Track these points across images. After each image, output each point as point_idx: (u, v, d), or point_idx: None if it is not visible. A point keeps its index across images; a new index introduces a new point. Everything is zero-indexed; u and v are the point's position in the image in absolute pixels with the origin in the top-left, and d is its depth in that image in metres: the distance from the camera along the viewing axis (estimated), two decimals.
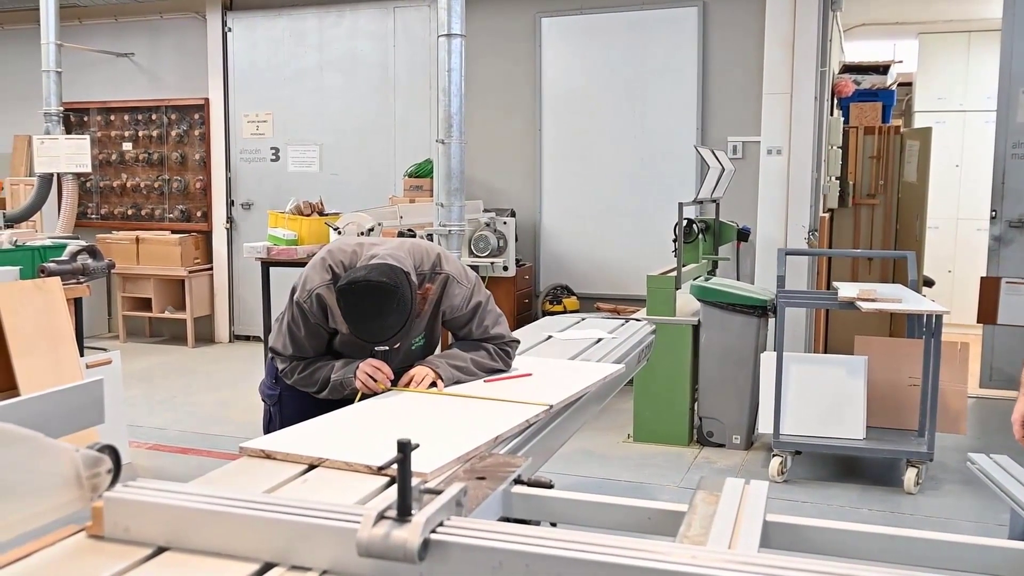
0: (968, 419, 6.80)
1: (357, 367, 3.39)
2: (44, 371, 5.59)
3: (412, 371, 3.41)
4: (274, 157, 10.80)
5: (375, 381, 3.33)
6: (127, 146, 11.48)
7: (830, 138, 8.94)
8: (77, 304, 6.14)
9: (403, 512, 1.60)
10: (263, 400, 3.91)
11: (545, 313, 8.80)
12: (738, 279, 8.31)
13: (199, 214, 11.25)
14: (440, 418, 2.94)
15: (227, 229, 11.07)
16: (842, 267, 9.63)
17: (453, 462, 2.39)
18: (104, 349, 6.72)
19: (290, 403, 3.66)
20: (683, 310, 7.14)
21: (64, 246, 6.77)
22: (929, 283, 10.10)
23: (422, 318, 3.57)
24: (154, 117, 11.33)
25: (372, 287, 3.19)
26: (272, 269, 8.38)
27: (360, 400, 3.29)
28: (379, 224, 7.08)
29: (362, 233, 7.07)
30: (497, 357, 3.61)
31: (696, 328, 7.04)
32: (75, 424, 2.14)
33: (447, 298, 3.60)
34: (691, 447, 7.07)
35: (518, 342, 3.75)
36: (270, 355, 3.72)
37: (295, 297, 3.50)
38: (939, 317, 6.07)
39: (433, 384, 3.35)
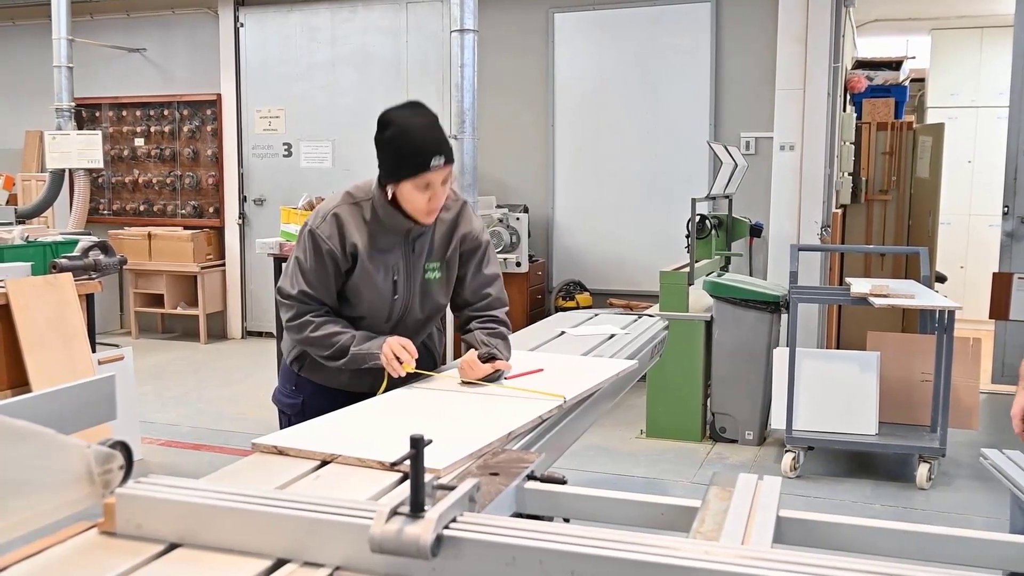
0: (980, 415, 6.79)
1: (383, 343, 3.27)
2: (56, 367, 5.60)
3: (467, 358, 3.35)
4: (286, 153, 10.81)
5: (400, 363, 3.23)
6: (139, 142, 11.50)
7: (843, 134, 8.92)
8: (89, 300, 6.15)
9: (416, 508, 1.59)
10: (281, 410, 3.63)
11: (558, 309, 8.80)
12: (751, 275, 8.30)
13: (211, 210, 11.26)
14: (453, 414, 2.93)
15: (239, 225, 11.08)
16: (855, 263, 9.60)
17: (466, 458, 2.39)
18: (116, 345, 6.73)
19: (314, 410, 3.12)
20: (696, 306, 7.13)
21: (76, 242, 6.79)
22: (941, 279, 10.07)
23: (442, 240, 3.51)
24: (166, 113, 11.34)
25: (417, 104, 3.25)
26: (284, 265, 8.38)
27: (385, 389, 3.24)
28: None
29: None
30: (508, 328, 3.64)
31: (709, 324, 7.03)
32: (87, 420, 2.14)
33: (465, 222, 3.55)
34: (704, 443, 7.06)
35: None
36: (286, 352, 3.54)
37: (307, 227, 3.36)
38: (951, 313, 6.05)
39: (492, 366, 3.32)
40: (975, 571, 1.95)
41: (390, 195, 3.29)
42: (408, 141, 3.18)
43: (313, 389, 3.53)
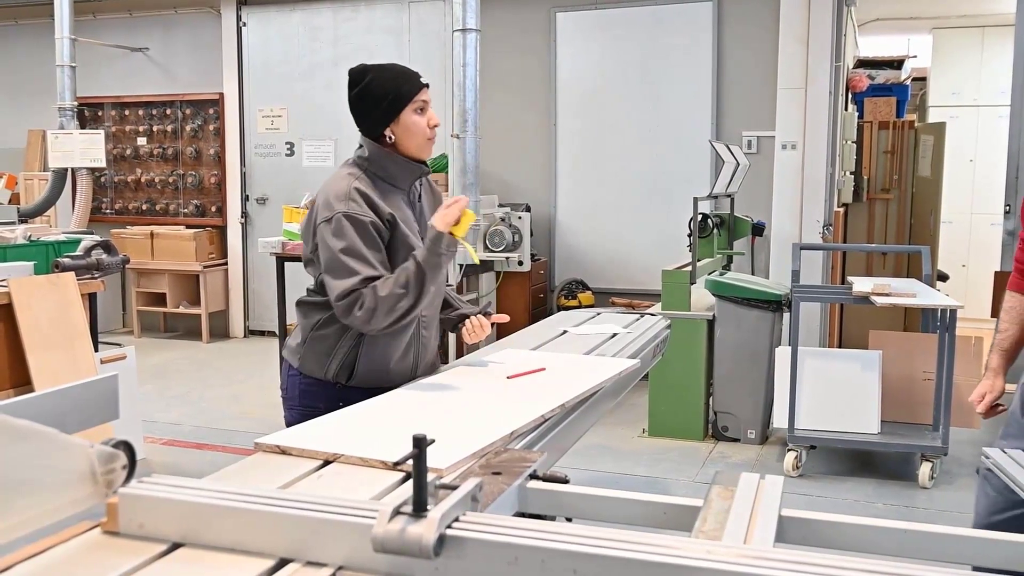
0: None
1: (433, 230, 3.22)
2: (58, 366, 5.60)
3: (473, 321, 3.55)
4: (289, 152, 10.82)
5: (450, 217, 3.23)
6: (141, 141, 11.50)
7: (844, 133, 8.92)
8: (91, 299, 6.16)
9: (419, 508, 1.60)
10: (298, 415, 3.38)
11: (560, 308, 8.81)
12: (753, 274, 8.30)
13: (214, 209, 11.27)
14: (455, 413, 2.94)
15: (242, 224, 11.09)
16: (857, 262, 9.60)
17: (468, 457, 2.39)
18: (119, 344, 6.74)
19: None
20: (698, 305, 7.14)
21: (78, 241, 6.79)
22: (943, 277, 10.07)
23: (429, 203, 3.61)
24: (168, 112, 11.35)
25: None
26: (287, 264, 8.38)
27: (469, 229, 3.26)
28: None
29: None
30: None
31: (711, 323, 7.04)
32: (90, 420, 2.14)
33: (437, 190, 3.69)
34: (706, 442, 7.06)
35: None
36: (349, 311, 3.19)
37: (336, 214, 3.24)
38: (953, 312, 6.06)
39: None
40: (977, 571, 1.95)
41: (391, 139, 3.39)
42: (393, 73, 3.45)
43: (356, 396, 3.22)
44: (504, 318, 3.60)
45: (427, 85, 3.49)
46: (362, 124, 3.44)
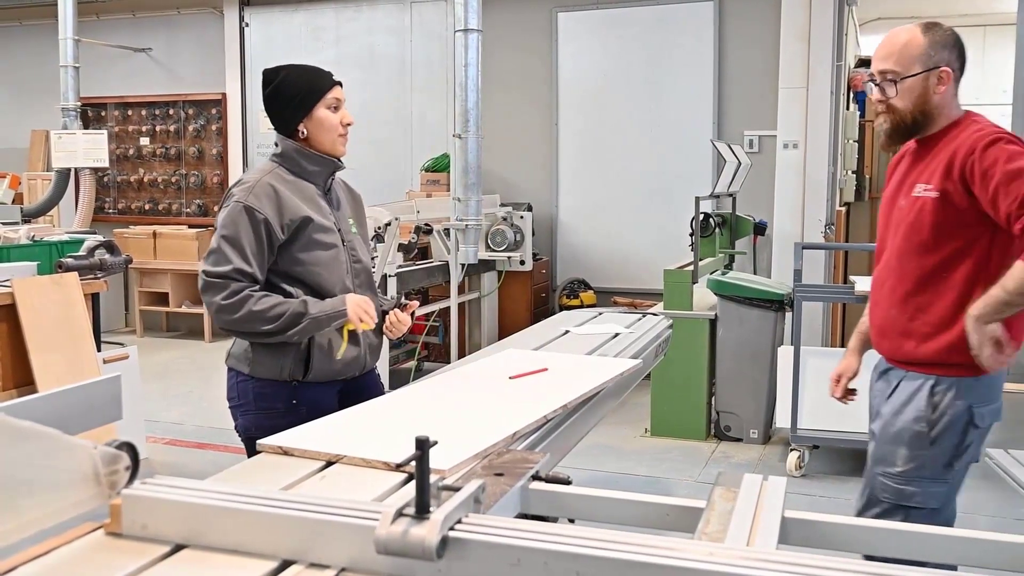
0: None
1: (343, 300, 3.30)
2: (62, 366, 5.61)
3: (391, 318, 3.56)
4: None
5: (365, 317, 3.31)
6: (144, 141, 11.52)
7: (846, 132, 8.92)
8: (94, 299, 6.16)
9: (421, 509, 1.60)
10: (255, 418, 3.42)
11: (562, 307, 8.81)
12: (755, 273, 8.30)
13: (216, 209, 11.25)
14: (457, 414, 2.94)
15: None
16: (859, 261, 9.60)
17: (471, 459, 2.39)
18: (121, 344, 6.74)
19: (319, 413, 3.03)
20: (700, 304, 7.14)
21: (81, 241, 6.80)
22: None
23: (346, 197, 3.75)
24: (171, 112, 11.36)
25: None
26: None
27: (347, 342, 3.33)
28: (396, 219, 7.08)
29: (378, 229, 7.07)
30: None
31: (713, 322, 7.03)
32: (93, 420, 2.15)
33: (353, 193, 3.87)
34: (708, 441, 7.06)
35: None
36: (214, 293, 3.26)
37: (235, 202, 3.33)
38: None
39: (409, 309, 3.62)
40: (980, 572, 1.95)
41: (304, 135, 3.48)
42: (306, 71, 3.56)
43: (312, 392, 3.39)
44: (414, 304, 3.65)
45: (340, 83, 3.58)
46: (276, 120, 3.53)
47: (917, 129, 3.23)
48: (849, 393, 3.75)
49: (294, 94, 3.47)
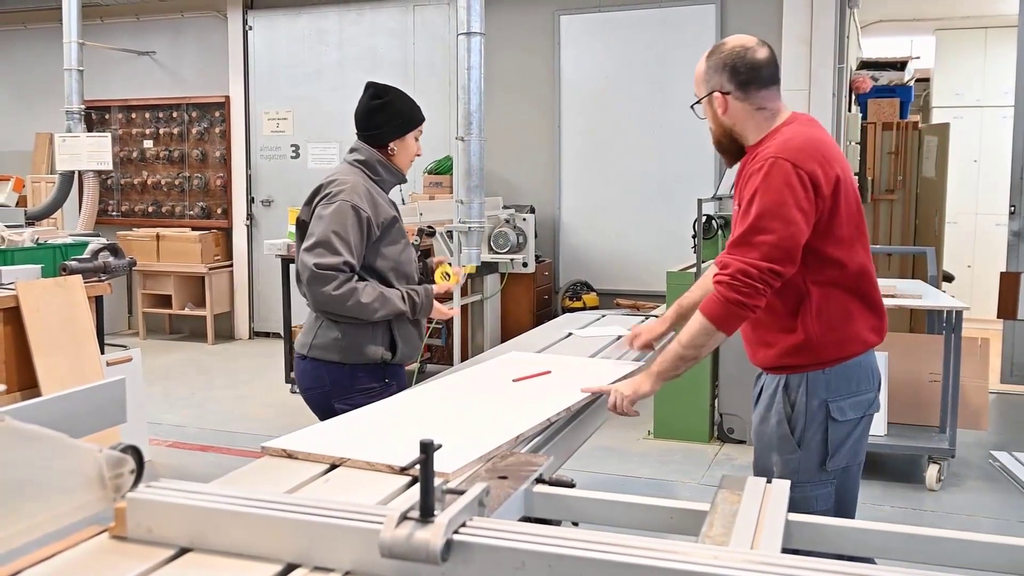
0: (989, 415, 6.77)
1: (431, 303, 3.89)
2: (65, 369, 5.61)
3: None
4: (294, 154, 10.83)
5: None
6: (148, 144, 11.53)
7: (848, 134, 8.91)
8: (98, 302, 6.16)
9: (426, 513, 1.60)
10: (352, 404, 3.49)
11: (565, 310, 8.81)
12: None
13: (219, 211, 11.28)
14: (461, 417, 2.94)
15: (247, 226, 11.10)
16: None
17: (475, 462, 2.39)
18: (124, 346, 6.74)
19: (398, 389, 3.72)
20: None
21: (85, 244, 6.81)
22: (949, 278, 10.06)
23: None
24: (175, 115, 11.37)
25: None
26: (292, 266, 8.41)
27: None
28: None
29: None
30: None
31: None
32: (98, 424, 2.15)
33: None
34: (711, 443, 7.06)
35: None
36: (323, 283, 3.60)
37: (342, 201, 3.67)
38: (959, 313, 6.05)
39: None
40: (982, 573, 1.95)
41: (393, 151, 3.92)
42: (410, 100, 3.98)
43: (397, 371, 3.91)
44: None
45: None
46: (372, 131, 3.91)
47: (731, 147, 3.28)
48: (646, 347, 3.93)
49: (400, 116, 3.91)
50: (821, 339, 3.08)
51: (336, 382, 3.76)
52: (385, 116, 3.89)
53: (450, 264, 4.29)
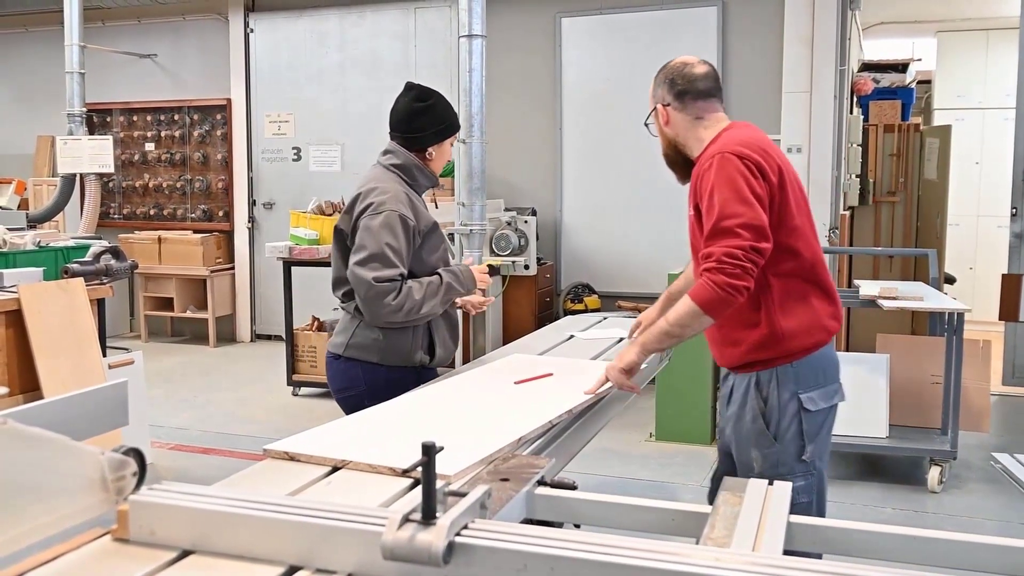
0: (991, 417, 6.78)
1: (472, 280, 3.91)
2: (67, 372, 5.62)
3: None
4: (296, 157, 10.83)
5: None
6: (149, 146, 11.53)
7: (850, 136, 8.92)
8: (100, 305, 6.17)
9: (428, 515, 1.60)
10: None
11: (566, 312, 8.81)
12: None
13: (221, 214, 11.29)
14: (463, 420, 2.94)
15: (249, 229, 11.10)
16: (863, 265, 9.60)
17: (477, 464, 2.40)
18: (126, 349, 6.74)
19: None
20: None
21: (87, 247, 6.81)
22: (950, 280, 10.06)
23: None
24: (176, 117, 11.37)
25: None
26: (294, 269, 8.43)
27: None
28: None
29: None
30: None
31: None
32: (100, 426, 2.15)
33: None
34: (713, 445, 7.05)
35: None
36: (383, 296, 3.56)
37: (389, 211, 3.63)
38: (961, 315, 6.05)
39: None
40: None
41: (430, 156, 3.88)
42: (450, 106, 3.93)
43: (432, 375, 3.87)
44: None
45: None
46: (413, 133, 3.85)
47: (678, 159, 3.53)
48: None
49: (442, 121, 3.87)
50: (785, 330, 3.18)
51: (372, 383, 3.72)
52: (427, 120, 3.84)
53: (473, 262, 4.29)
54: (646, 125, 3.57)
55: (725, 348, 3.35)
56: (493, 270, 8.19)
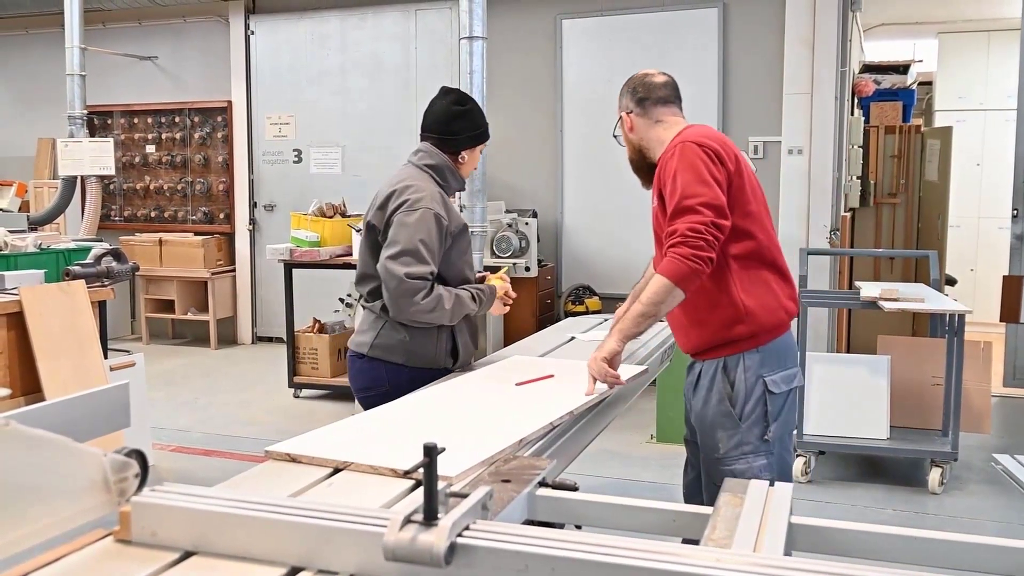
0: (992, 418, 6.78)
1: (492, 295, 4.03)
2: (69, 374, 5.62)
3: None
4: (296, 159, 10.84)
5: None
6: (150, 148, 11.53)
7: (851, 138, 8.92)
8: (101, 307, 6.17)
9: (429, 516, 1.61)
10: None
11: (567, 314, 8.80)
12: None
13: (222, 216, 11.29)
14: (464, 420, 2.95)
15: (250, 231, 11.11)
16: (864, 266, 9.60)
17: (478, 465, 2.40)
18: (128, 351, 6.75)
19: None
20: None
21: (88, 249, 6.81)
22: (951, 282, 10.06)
23: None
24: (177, 120, 11.38)
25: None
26: (295, 271, 8.43)
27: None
28: None
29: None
30: None
31: None
32: (102, 428, 2.16)
33: None
34: None
35: None
36: (413, 293, 3.61)
37: (424, 210, 3.68)
38: (962, 316, 6.05)
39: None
40: None
41: (463, 160, 3.96)
42: (483, 114, 4.04)
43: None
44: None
45: None
46: (451, 136, 3.93)
47: (643, 165, 3.71)
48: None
49: (477, 127, 3.98)
50: (748, 307, 3.36)
51: (395, 384, 3.70)
52: (464, 123, 3.93)
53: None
54: (615, 136, 3.91)
55: (692, 330, 3.51)
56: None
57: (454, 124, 3.90)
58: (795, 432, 6.22)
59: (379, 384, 3.78)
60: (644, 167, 3.68)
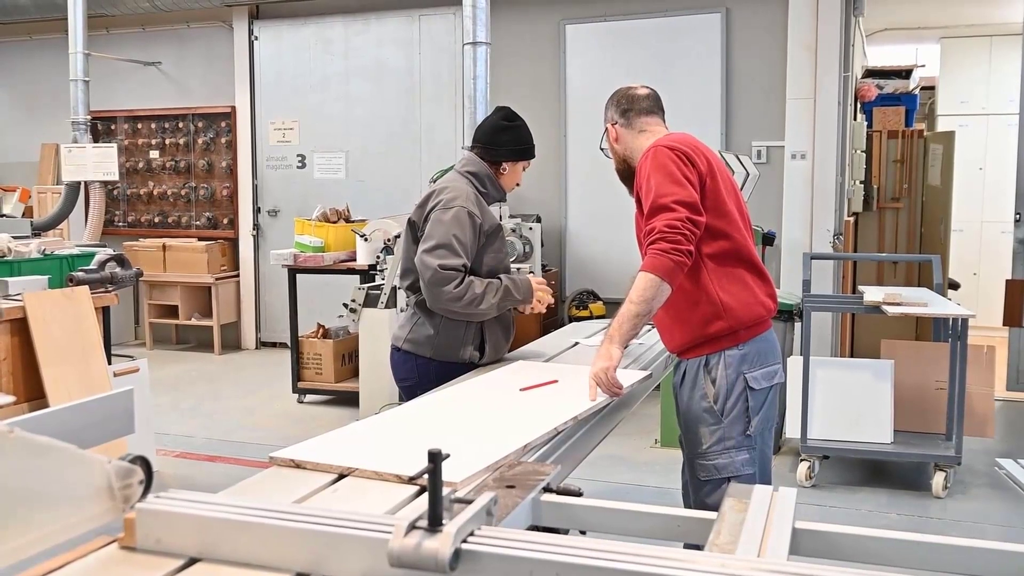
0: (995, 422, 6.77)
1: (530, 292, 4.15)
2: (73, 380, 5.62)
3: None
4: (300, 164, 10.84)
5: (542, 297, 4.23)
6: (154, 154, 11.55)
7: (854, 142, 8.92)
8: (105, 312, 6.17)
9: (434, 522, 1.60)
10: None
11: (571, 319, 8.81)
12: None
13: (226, 221, 11.30)
14: (469, 426, 2.94)
15: (254, 236, 11.11)
16: (867, 271, 9.59)
17: (483, 471, 2.40)
18: (131, 357, 6.75)
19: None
20: None
21: (93, 255, 6.81)
22: (954, 286, 10.05)
23: None
24: (181, 125, 11.39)
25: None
26: (299, 276, 8.44)
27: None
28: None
29: (388, 241, 7.11)
30: None
31: None
32: (106, 434, 2.15)
33: None
34: None
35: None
36: (445, 283, 3.85)
37: (459, 208, 3.93)
38: (965, 320, 6.04)
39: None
40: None
41: (504, 171, 4.21)
42: (531, 135, 4.30)
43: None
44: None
45: None
46: (494, 146, 4.19)
47: (629, 174, 3.90)
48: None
49: (521, 142, 4.25)
50: (726, 303, 3.49)
51: (424, 376, 3.99)
52: (509, 137, 4.19)
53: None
54: (601, 149, 4.07)
55: (675, 329, 3.66)
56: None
57: (498, 136, 4.18)
58: (800, 436, 6.24)
59: (411, 376, 4.08)
60: (630, 176, 3.86)
